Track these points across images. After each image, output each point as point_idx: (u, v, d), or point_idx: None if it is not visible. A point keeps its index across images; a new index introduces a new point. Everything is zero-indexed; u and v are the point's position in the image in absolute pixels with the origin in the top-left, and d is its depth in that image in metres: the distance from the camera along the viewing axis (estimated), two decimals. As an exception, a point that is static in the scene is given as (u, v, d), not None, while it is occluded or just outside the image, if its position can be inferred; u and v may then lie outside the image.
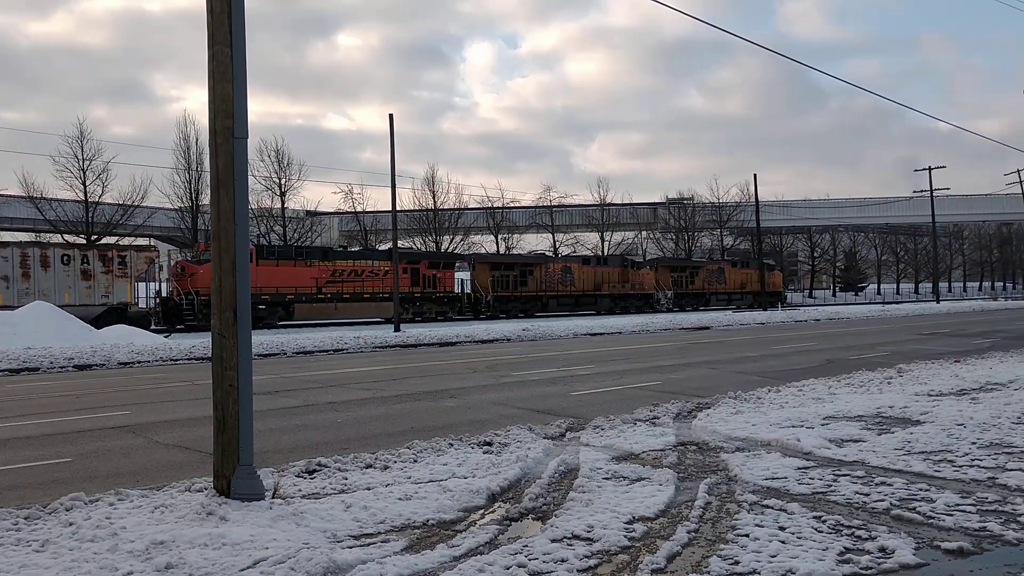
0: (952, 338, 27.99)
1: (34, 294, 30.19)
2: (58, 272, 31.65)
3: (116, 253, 34.14)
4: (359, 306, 41.54)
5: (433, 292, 45.68)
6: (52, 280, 31.49)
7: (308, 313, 38.11)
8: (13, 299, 30.05)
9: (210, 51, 6.64)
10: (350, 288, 41.25)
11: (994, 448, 8.26)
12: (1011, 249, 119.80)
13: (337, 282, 40.82)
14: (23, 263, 30.95)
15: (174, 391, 15.20)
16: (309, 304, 37.23)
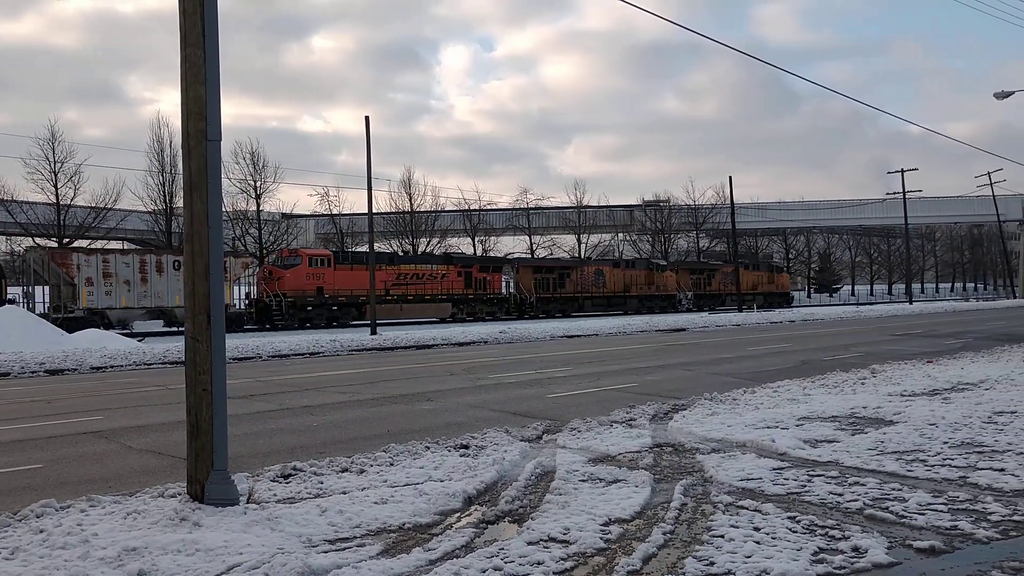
0: (924, 339, 28.29)
1: (151, 296, 35.21)
2: (170, 277, 35.53)
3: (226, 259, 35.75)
4: (420, 307, 44.85)
5: (484, 294, 48.85)
6: (165, 284, 35.57)
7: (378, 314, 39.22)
8: (134, 301, 34.95)
9: (183, 53, 6.59)
10: (413, 290, 44.88)
11: (965, 447, 8.36)
12: (982, 250, 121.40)
13: (402, 285, 44.48)
14: (142, 269, 35.03)
15: (147, 396, 15.06)
16: (379, 305, 38.66)
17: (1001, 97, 29.83)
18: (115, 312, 34.72)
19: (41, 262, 35.40)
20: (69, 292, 34.06)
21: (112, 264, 35.07)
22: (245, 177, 56.05)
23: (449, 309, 45.58)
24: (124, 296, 33.90)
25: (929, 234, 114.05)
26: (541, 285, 51.97)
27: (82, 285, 34.33)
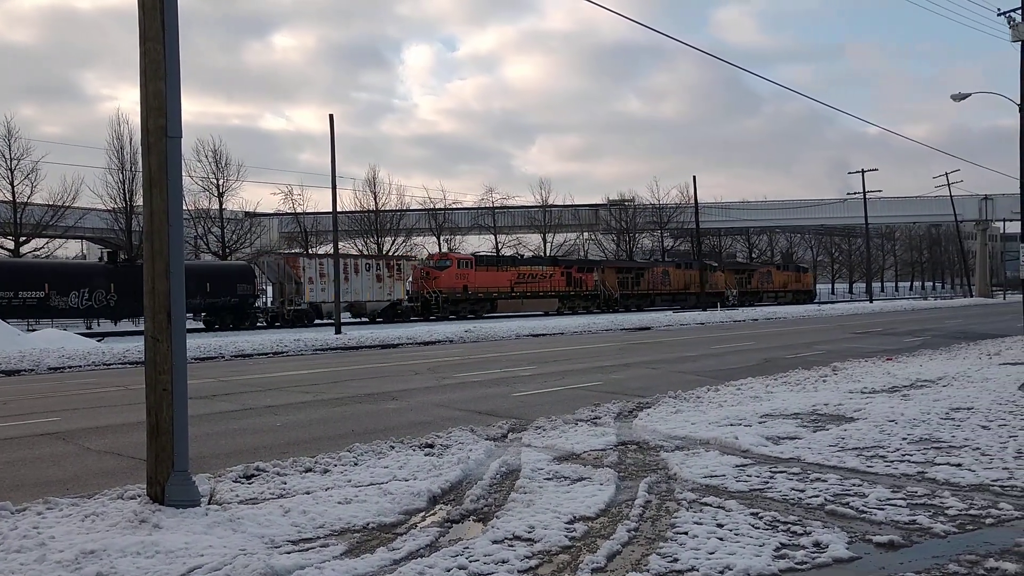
0: (884, 337, 28.73)
1: (350, 292, 42.84)
2: (363, 276, 44.26)
3: (395, 262, 47.92)
4: (535, 301, 53.33)
5: (580, 291, 56.80)
6: (360, 282, 44.04)
7: (505, 307, 50.51)
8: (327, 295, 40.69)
9: (142, 47, 6.49)
10: (530, 288, 53.54)
11: (924, 443, 8.49)
12: (940, 250, 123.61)
13: (522, 283, 53.03)
14: (344, 270, 41.18)
15: (106, 396, 14.83)
16: (506, 300, 50.50)
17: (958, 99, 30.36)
18: (326, 305, 40.92)
19: (276, 266, 43.06)
20: (295, 289, 41.77)
21: (325, 266, 41.66)
22: (207, 175, 55.38)
23: (556, 303, 54.45)
24: (331, 292, 37.89)
25: (889, 234, 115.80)
26: (623, 283, 59.88)
27: (306, 284, 41.83)
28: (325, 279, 41.26)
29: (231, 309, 38.77)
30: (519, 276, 52.94)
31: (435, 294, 47.58)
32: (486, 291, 50.47)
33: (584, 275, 57.67)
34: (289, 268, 42.29)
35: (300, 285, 41.86)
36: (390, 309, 45.86)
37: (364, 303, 44.62)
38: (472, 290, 49.75)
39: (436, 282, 48.29)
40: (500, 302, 50.89)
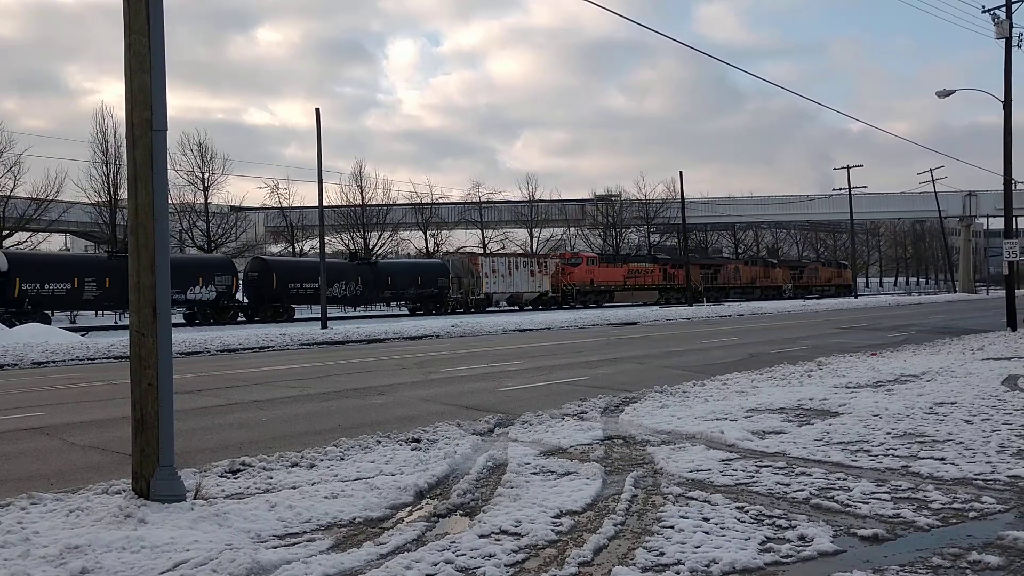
0: (869, 332, 28.89)
1: (513, 285, 52.92)
2: (522, 272, 53.64)
3: (543, 260, 56.82)
4: (642, 293, 61.26)
5: (673, 284, 64.21)
6: (519, 277, 53.38)
7: (620, 298, 59.61)
8: (504, 288, 52.56)
9: (127, 40, 6.44)
10: (638, 281, 61.63)
11: (908, 438, 8.55)
12: (924, 245, 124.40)
13: (632, 278, 61.09)
14: (507, 267, 52.71)
15: (91, 391, 14.75)
16: (621, 292, 59.55)
17: (943, 95, 30.48)
18: (496, 295, 51.85)
19: (460, 263, 51.46)
20: (474, 282, 50.43)
21: (495, 264, 52.67)
22: (192, 169, 55.13)
23: (656, 295, 62.23)
24: (501, 285, 51.69)
25: (873, 229, 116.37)
26: (704, 278, 67.67)
27: (483, 278, 50.89)
28: (496, 274, 51.93)
29: (432, 298, 48.60)
30: (629, 272, 61.34)
31: (570, 287, 56.61)
32: (606, 284, 59.03)
33: (676, 271, 65.08)
34: (471, 265, 51.54)
35: (478, 279, 50.88)
36: (539, 299, 54.54)
37: (521, 294, 54.04)
38: (596, 283, 58.41)
39: (570, 277, 57.08)
40: (617, 293, 59.79)
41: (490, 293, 51.43)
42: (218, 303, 38.98)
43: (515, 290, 53.46)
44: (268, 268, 41.33)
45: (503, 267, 52.76)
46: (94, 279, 34.15)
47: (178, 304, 37.23)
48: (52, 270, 33.87)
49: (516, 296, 53.88)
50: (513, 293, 53.53)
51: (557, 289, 55.51)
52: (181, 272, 34.70)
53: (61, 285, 33.35)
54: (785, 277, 78.26)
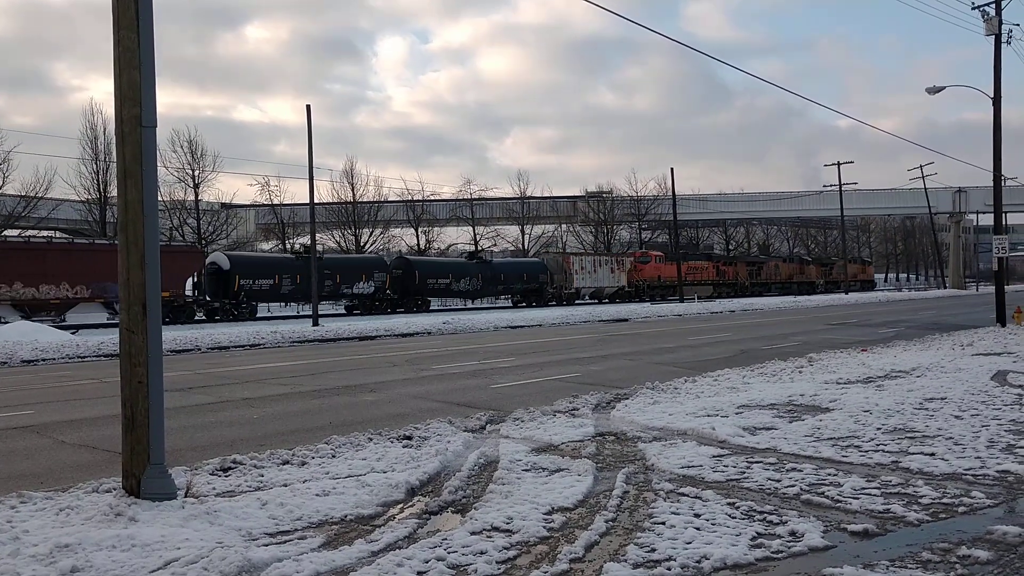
0: (859, 328, 28.98)
1: (598, 281, 60.35)
2: (604, 270, 60.92)
3: (621, 258, 64.01)
4: (698, 288, 65.18)
5: (724, 280, 71.61)
6: (603, 274, 60.84)
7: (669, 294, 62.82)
8: (589, 283, 59.65)
9: (116, 36, 6.40)
10: (696, 277, 67.08)
11: (898, 433, 8.58)
12: (914, 242, 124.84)
13: (691, 274, 66.12)
14: (593, 265, 60.54)
15: (81, 389, 14.70)
16: (667, 288, 63.78)
17: (933, 92, 30.55)
18: (584, 289, 59.17)
19: (555, 262, 59.09)
20: (565, 279, 57.71)
21: (583, 262, 60.26)
22: (183, 166, 54.92)
23: (710, 289, 68.07)
24: (587, 280, 59.46)
25: (864, 226, 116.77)
26: (750, 274, 75.57)
27: (574, 274, 58.13)
28: (584, 271, 59.40)
29: (534, 292, 55.90)
30: (689, 268, 66.43)
31: (642, 282, 63.68)
32: (670, 280, 63.95)
33: (726, 267, 73.27)
34: (563, 263, 58.99)
35: (570, 276, 58.15)
36: (617, 293, 61.09)
37: (603, 288, 60.70)
38: (662, 279, 64.66)
39: (641, 273, 63.99)
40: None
41: (579, 288, 58.63)
42: (375, 296, 46.70)
43: (598, 285, 60.42)
44: (411, 266, 49.36)
45: (589, 265, 60.39)
46: (289, 276, 41.96)
47: (346, 297, 46.28)
48: (259, 269, 42.05)
49: (599, 290, 60.56)
50: (596, 288, 60.32)
51: (631, 284, 62.55)
52: (350, 270, 45.39)
53: (266, 281, 41.51)
54: (817, 273, 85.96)
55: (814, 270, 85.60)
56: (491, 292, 55.41)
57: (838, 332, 26.63)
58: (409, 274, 48.50)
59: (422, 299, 49.29)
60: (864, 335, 24.99)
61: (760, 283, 76.23)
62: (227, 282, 39.62)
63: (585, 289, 59.38)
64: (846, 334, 25.55)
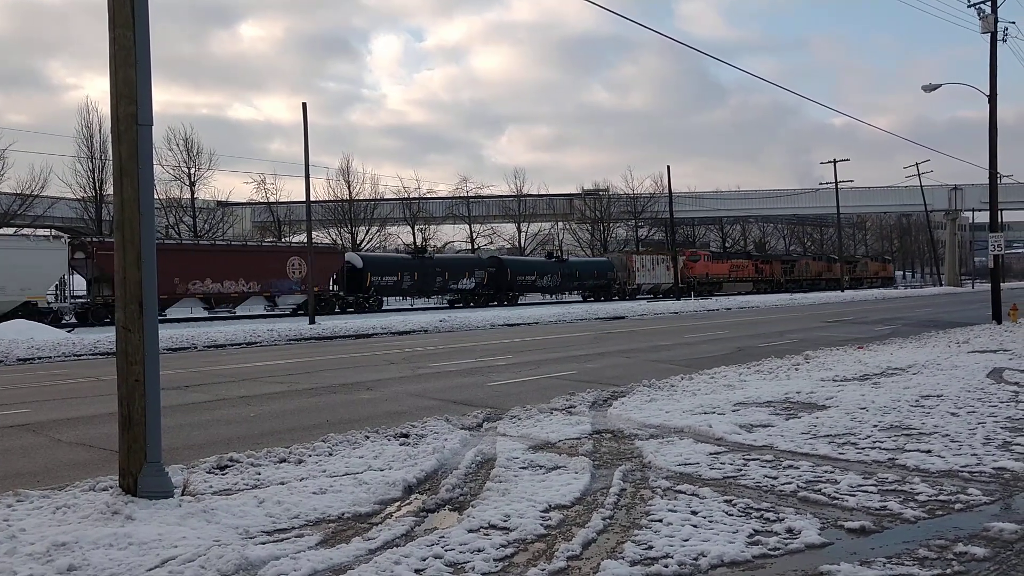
0: (855, 325, 29.02)
1: (655, 278, 66.03)
2: (661, 267, 66.25)
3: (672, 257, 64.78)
4: (740, 284, 72.30)
5: (762, 277, 76.92)
6: (660, 271, 66.16)
7: (726, 289, 69.62)
8: (649, 280, 65.79)
9: (111, 34, 6.39)
10: (738, 275, 73.24)
11: (894, 430, 8.59)
12: (910, 239, 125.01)
13: (734, 271, 72.83)
14: (652, 263, 66.34)
15: (77, 387, 14.68)
16: (726, 283, 70.70)
17: (929, 90, 30.59)
18: (645, 285, 65.26)
19: (619, 260, 64.91)
20: (627, 276, 63.62)
21: (643, 261, 66.22)
22: (179, 164, 54.86)
23: (750, 286, 73.48)
24: (647, 277, 65.31)
25: (860, 223, 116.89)
26: (784, 272, 79.95)
27: (636, 272, 64.40)
28: (644, 269, 65.54)
29: (602, 288, 61.93)
30: (732, 267, 73.55)
31: (692, 279, 67.83)
32: (716, 277, 70.68)
33: (764, 265, 78.64)
34: (627, 261, 64.91)
35: (632, 273, 64.22)
36: (671, 291, 63.40)
37: (659, 284, 66.07)
38: (710, 276, 70.23)
39: (692, 270, 69.11)
40: (724, 284, 71.12)
41: (639, 284, 64.99)
42: (475, 291, 52.79)
43: (656, 281, 66.24)
44: (503, 265, 55.79)
45: (649, 263, 66.44)
46: (408, 273, 48.50)
47: (451, 292, 52.41)
48: (385, 267, 48.43)
49: (656, 286, 66.34)
50: (654, 284, 66.21)
51: (684, 280, 65.96)
52: (456, 268, 51.86)
53: (391, 278, 47.92)
54: (844, 271, 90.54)
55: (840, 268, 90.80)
56: (568, 288, 60.99)
57: (834, 329, 26.67)
58: (502, 272, 54.75)
59: (512, 294, 55.46)
60: (860, 332, 25.02)
61: (793, 280, 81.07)
62: (360, 279, 45.84)
63: (645, 285, 65.49)
64: (842, 331, 25.59)
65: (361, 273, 45.86)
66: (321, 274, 41.42)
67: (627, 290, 63.58)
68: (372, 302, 46.46)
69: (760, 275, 76.59)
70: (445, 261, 52.72)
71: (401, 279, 48.22)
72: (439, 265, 50.70)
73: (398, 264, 49.36)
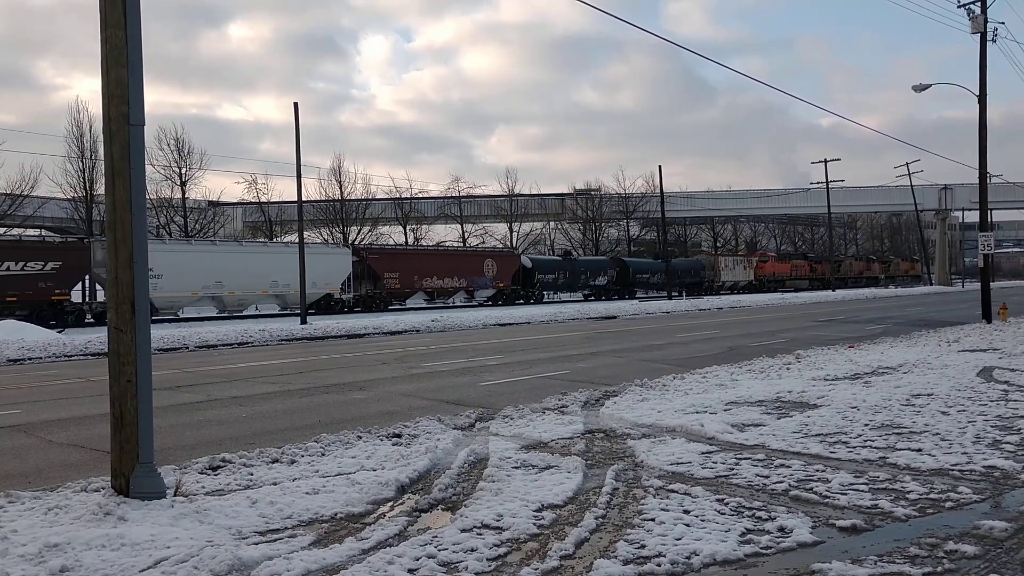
0: (847, 324, 29.12)
1: (735, 275, 75.55)
2: (740, 266, 76.58)
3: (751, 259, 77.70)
4: (798, 281, 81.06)
5: (815, 275, 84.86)
6: (738, 270, 76.50)
7: (788, 286, 78.66)
8: (732, 277, 75.29)
9: (103, 34, 6.38)
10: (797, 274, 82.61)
11: (885, 429, 8.63)
12: (901, 238, 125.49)
13: (794, 270, 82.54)
14: (733, 263, 75.94)
15: (68, 388, 14.63)
16: (788, 281, 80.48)
17: (919, 90, 30.68)
18: (728, 282, 73.94)
19: (708, 261, 74.84)
20: (714, 275, 73.02)
21: (727, 261, 75.51)
22: (170, 163, 54.64)
23: (807, 284, 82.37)
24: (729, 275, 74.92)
25: (851, 223, 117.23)
26: (832, 270, 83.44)
27: (720, 271, 73.69)
28: (727, 268, 74.87)
29: (696, 285, 69.62)
30: (792, 266, 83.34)
31: (763, 277, 78.10)
32: (780, 276, 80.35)
33: (816, 265, 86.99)
34: (714, 262, 75.00)
35: (718, 272, 73.68)
36: (747, 286, 75.80)
37: (738, 281, 75.64)
38: (776, 275, 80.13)
39: (762, 269, 79.29)
40: (787, 282, 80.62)
41: (724, 281, 74.09)
42: (607, 287, 62.99)
43: (736, 279, 75.72)
44: (625, 265, 65.68)
45: (731, 264, 76.62)
46: (562, 272, 59.46)
47: (589, 288, 61.97)
48: (548, 267, 59.23)
49: (735, 283, 75.60)
50: (735, 281, 75.42)
51: (756, 278, 77.37)
52: (594, 269, 62.29)
53: (550, 276, 58.72)
54: (880, 270, 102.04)
55: (878, 267, 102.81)
56: (673, 285, 65.90)
57: (826, 329, 26.75)
58: (624, 271, 64.71)
59: (631, 290, 64.65)
60: (852, 332, 25.11)
61: (839, 277, 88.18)
62: (531, 277, 56.99)
63: (728, 282, 74.62)
64: (834, 331, 25.67)
65: (531, 272, 57.05)
66: (504, 273, 54.93)
67: (714, 286, 72.38)
68: (538, 296, 57.33)
69: (813, 273, 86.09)
70: (586, 263, 63.41)
71: (557, 277, 59.26)
72: (582, 266, 62.13)
73: (555, 265, 60.49)
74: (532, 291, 57.00)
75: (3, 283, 32.30)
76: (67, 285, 34.68)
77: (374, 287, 47.55)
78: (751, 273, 78.06)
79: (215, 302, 39.37)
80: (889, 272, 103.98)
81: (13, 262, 32.63)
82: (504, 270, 55.00)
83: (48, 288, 33.54)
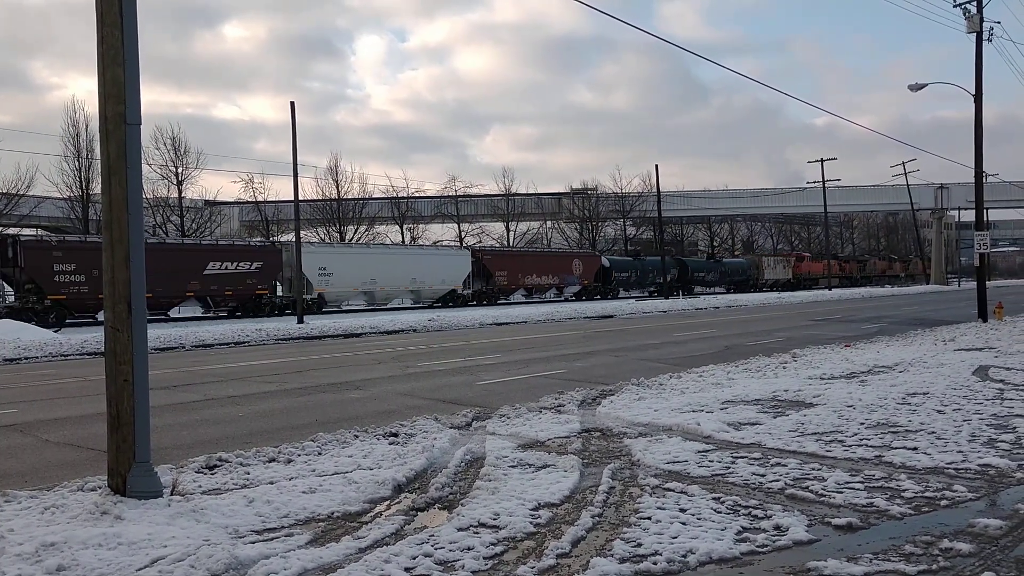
0: (843, 323, 29.16)
1: (776, 274, 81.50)
2: (779, 265, 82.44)
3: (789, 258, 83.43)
4: (831, 279, 79.79)
5: (843, 274, 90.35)
6: (779, 269, 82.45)
7: (820, 283, 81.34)
8: (772, 275, 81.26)
9: (99, 33, 6.37)
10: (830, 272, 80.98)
11: (881, 428, 8.65)
12: (897, 238, 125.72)
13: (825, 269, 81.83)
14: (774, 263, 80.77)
15: (65, 388, 14.61)
16: (819, 279, 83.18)
17: (915, 89, 30.74)
18: (769, 280, 79.60)
19: (753, 261, 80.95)
20: (759, 273, 79.23)
21: (769, 261, 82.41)
22: (166, 163, 54.57)
23: (837, 281, 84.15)
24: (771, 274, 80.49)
25: (847, 222, 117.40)
26: (858, 269, 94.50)
27: (764, 269, 79.70)
28: (769, 267, 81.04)
29: (743, 282, 76.43)
30: (824, 266, 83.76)
31: (799, 275, 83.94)
32: (815, 274, 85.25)
33: (844, 264, 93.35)
34: (758, 261, 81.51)
35: (762, 270, 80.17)
36: (786, 283, 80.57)
37: (779, 279, 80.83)
38: (811, 274, 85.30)
39: (799, 268, 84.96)
40: (820, 280, 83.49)
41: (767, 279, 79.98)
42: (670, 284, 63.94)
43: (777, 277, 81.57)
44: (685, 264, 72.39)
45: (772, 263, 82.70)
46: (633, 271, 65.90)
47: (653, 285, 65.53)
48: (622, 267, 65.11)
49: (776, 281, 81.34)
50: (775, 279, 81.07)
51: (794, 276, 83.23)
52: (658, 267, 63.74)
53: (623, 274, 64.82)
54: (901, 269, 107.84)
55: (899, 266, 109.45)
56: (724, 282, 75.52)
57: (822, 328, 26.78)
58: (684, 270, 71.21)
59: (690, 286, 69.97)
60: (848, 331, 25.14)
61: (864, 276, 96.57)
62: (608, 275, 63.40)
63: (770, 280, 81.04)
64: (829, 330, 25.70)
65: (608, 271, 63.51)
66: (588, 271, 61.61)
67: (759, 284, 78.90)
68: (613, 292, 63.22)
69: (843, 272, 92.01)
70: (652, 263, 67.06)
71: (630, 275, 65.68)
72: (648, 265, 67.01)
73: (627, 265, 66.68)
74: (609, 287, 63.40)
75: (223, 280, 38.51)
76: (267, 282, 40.76)
77: (487, 284, 53.97)
78: (789, 271, 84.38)
79: (366, 296, 45.96)
80: (908, 271, 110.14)
81: (230, 263, 38.77)
82: (588, 269, 61.68)
83: (253, 284, 39.83)
